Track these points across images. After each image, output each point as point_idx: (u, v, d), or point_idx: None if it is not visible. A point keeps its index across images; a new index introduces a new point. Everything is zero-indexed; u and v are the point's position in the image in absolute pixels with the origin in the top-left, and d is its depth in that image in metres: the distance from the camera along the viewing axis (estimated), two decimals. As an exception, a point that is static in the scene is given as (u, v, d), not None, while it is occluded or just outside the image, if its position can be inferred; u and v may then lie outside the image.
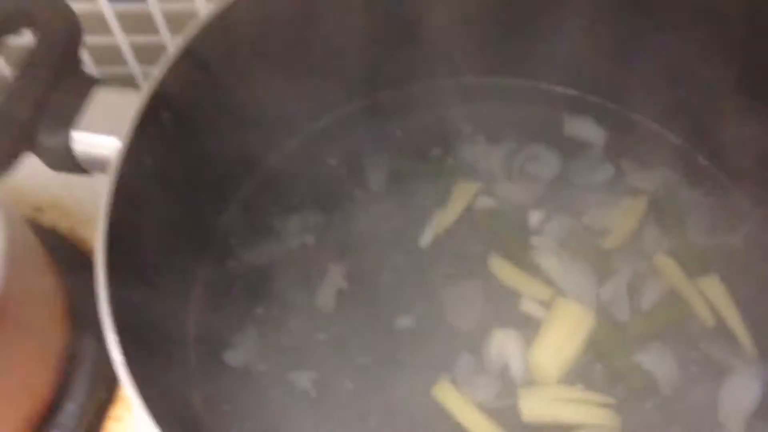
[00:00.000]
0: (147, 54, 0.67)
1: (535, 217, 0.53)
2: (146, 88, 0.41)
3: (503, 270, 0.50)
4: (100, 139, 0.41)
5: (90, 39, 0.66)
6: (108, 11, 0.63)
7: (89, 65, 0.69)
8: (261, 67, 0.48)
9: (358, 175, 0.55)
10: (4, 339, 0.44)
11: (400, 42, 0.53)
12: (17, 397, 0.48)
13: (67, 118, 0.41)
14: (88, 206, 0.59)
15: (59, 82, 0.42)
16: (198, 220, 0.51)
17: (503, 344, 0.48)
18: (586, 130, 0.56)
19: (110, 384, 0.53)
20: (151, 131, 0.41)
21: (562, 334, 0.47)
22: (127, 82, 0.70)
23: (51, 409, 0.50)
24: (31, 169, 0.42)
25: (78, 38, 0.44)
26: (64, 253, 0.55)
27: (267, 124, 0.52)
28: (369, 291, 0.51)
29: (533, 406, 0.46)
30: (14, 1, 0.44)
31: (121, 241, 0.39)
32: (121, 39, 0.66)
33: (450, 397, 0.46)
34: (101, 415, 0.53)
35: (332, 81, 0.53)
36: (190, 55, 0.43)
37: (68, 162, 0.42)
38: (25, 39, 0.43)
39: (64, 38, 0.43)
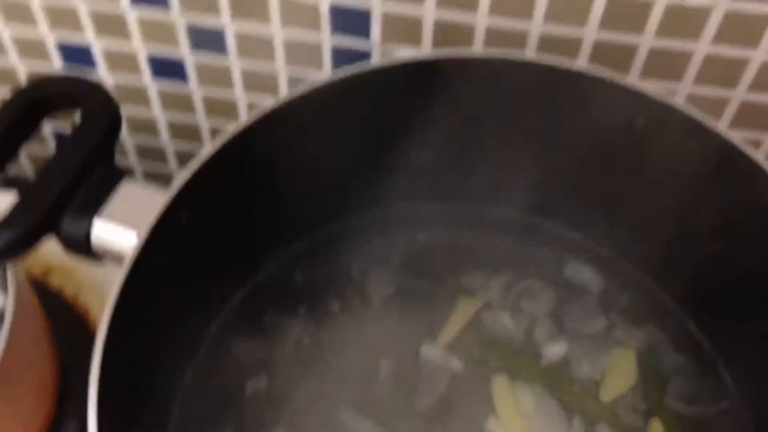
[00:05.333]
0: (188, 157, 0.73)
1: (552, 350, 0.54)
2: (172, 188, 0.43)
3: (501, 394, 0.52)
4: (119, 232, 0.43)
5: (137, 138, 0.73)
6: (160, 118, 0.70)
7: (133, 160, 0.76)
8: (285, 173, 0.50)
9: (360, 287, 0.57)
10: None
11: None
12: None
13: (92, 206, 0.43)
14: (97, 275, 0.61)
15: (92, 170, 0.44)
16: (196, 317, 0.52)
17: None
18: (584, 275, 0.58)
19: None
20: (168, 229, 0.43)
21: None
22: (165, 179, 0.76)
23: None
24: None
25: (117, 128, 0.46)
26: (65, 321, 0.56)
27: (276, 225, 0.54)
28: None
29: None
30: (61, 84, 0.46)
31: (123, 332, 0.40)
32: (165, 141, 0.73)
33: None
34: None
35: (344, 190, 0.56)
36: (217, 163, 0.45)
37: (84, 248, 0.44)
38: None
39: (104, 126, 0.45)
